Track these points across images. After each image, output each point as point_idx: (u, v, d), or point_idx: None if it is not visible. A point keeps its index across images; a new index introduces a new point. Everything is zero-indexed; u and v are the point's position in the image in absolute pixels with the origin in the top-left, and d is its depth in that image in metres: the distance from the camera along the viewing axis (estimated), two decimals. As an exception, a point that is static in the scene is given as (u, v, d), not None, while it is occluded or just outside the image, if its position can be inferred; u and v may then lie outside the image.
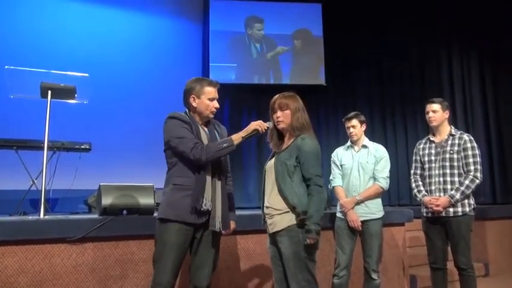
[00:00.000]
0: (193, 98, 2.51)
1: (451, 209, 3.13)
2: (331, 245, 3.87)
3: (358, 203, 3.31)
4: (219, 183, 2.48)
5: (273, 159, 2.43)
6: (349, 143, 3.58)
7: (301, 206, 2.27)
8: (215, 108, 2.55)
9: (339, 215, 3.48)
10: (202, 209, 2.38)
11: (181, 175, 2.43)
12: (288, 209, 2.30)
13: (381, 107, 7.76)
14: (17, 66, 4.07)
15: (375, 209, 3.36)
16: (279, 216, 2.31)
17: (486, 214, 5.28)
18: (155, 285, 2.37)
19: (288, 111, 2.43)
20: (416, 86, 7.39)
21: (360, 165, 3.39)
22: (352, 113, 3.55)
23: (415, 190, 3.38)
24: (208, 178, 2.45)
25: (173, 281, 2.39)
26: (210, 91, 2.51)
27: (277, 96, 2.52)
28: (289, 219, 2.29)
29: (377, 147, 3.51)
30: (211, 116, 2.57)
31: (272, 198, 2.37)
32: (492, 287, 4.48)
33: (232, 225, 2.63)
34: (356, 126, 3.47)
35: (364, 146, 3.50)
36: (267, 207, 2.40)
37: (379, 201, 3.42)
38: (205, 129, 2.56)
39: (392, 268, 4.22)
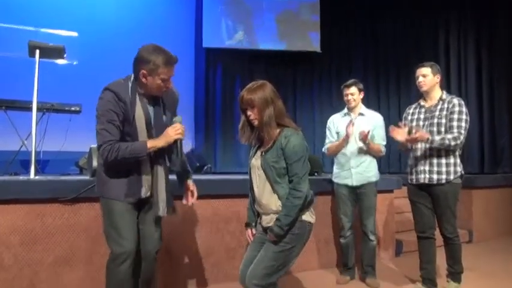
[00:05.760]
0: (144, 74, 2.18)
1: (435, 176, 3.06)
2: (325, 212, 4.05)
3: (367, 141, 3.32)
4: (161, 168, 2.33)
5: (259, 159, 2.28)
6: (345, 110, 3.59)
7: None
8: (167, 88, 2.27)
9: (335, 180, 3.58)
10: (141, 198, 2.30)
11: None
12: None
13: (375, 74, 7.75)
14: (3, 23, 3.94)
15: (371, 173, 3.46)
16: (275, 214, 2.22)
17: (473, 183, 5.36)
18: (115, 258, 2.23)
19: (256, 109, 2.20)
20: (412, 52, 7.33)
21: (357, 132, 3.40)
22: (351, 81, 3.53)
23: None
24: (146, 164, 2.30)
25: (133, 246, 2.27)
26: (165, 72, 2.19)
27: (243, 91, 2.25)
28: None
29: (374, 114, 3.54)
30: (161, 95, 2.32)
31: (266, 198, 2.26)
32: (474, 252, 4.60)
33: (192, 187, 2.51)
34: (354, 94, 3.47)
35: (361, 114, 3.51)
36: (261, 205, 2.31)
37: (375, 165, 3.51)
38: (149, 107, 2.29)
39: (380, 233, 4.33)
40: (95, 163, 3.06)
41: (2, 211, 2.76)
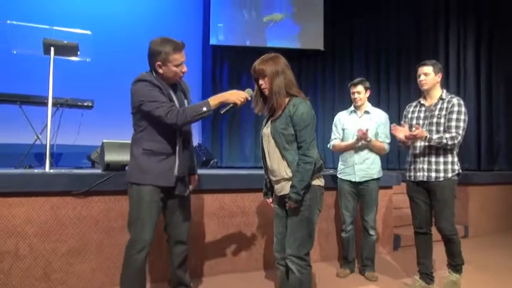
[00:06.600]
0: (159, 65, 2.37)
1: (433, 174, 3.11)
2: (328, 206, 4.15)
3: (368, 138, 3.42)
4: (186, 149, 2.50)
5: (269, 127, 2.40)
6: (352, 108, 3.68)
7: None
8: (183, 72, 2.46)
9: (340, 176, 3.68)
10: (181, 176, 2.44)
11: (152, 140, 2.40)
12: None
13: (376, 73, 7.79)
14: (19, 22, 4.05)
15: (375, 170, 3.55)
16: (285, 181, 2.38)
17: (469, 179, 5.45)
18: (135, 244, 2.36)
19: (266, 79, 2.34)
20: (412, 50, 7.38)
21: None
22: (358, 79, 3.61)
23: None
24: (180, 144, 2.44)
25: (152, 237, 2.40)
26: (177, 58, 2.38)
27: (256, 62, 2.39)
28: None
29: (379, 112, 3.63)
30: (179, 80, 2.51)
31: (276, 165, 2.39)
32: (469, 247, 4.67)
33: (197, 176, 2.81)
34: (361, 92, 3.56)
35: (367, 112, 3.60)
36: (272, 172, 2.43)
37: (379, 163, 3.59)
38: (173, 93, 2.47)
39: (379, 228, 4.43)
40: (107, 157, 3.19)
41: (18, 203, 2.87)
